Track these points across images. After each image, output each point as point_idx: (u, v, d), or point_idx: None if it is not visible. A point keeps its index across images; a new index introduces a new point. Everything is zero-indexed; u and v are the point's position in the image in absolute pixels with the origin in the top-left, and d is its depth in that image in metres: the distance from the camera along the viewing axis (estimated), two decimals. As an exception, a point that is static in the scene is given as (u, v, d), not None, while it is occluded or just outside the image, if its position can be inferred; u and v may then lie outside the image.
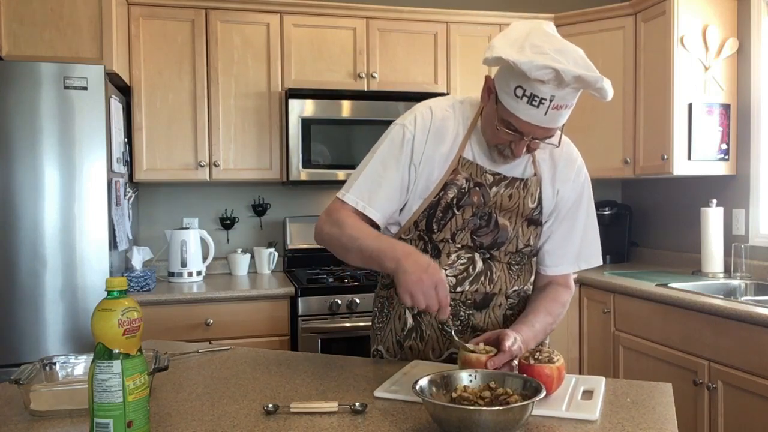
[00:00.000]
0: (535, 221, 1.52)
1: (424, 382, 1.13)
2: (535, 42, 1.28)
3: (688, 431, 2.50)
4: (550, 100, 1.27)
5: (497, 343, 1.30)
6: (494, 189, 1.47)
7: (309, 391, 1.31)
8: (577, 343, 3.25)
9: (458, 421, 1.01)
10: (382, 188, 1.45)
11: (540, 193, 1.51)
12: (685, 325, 2.53)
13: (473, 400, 1.10)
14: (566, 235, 1.56)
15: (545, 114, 1.29)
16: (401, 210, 1.50)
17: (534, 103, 1.28)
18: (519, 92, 1.29)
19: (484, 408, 1.04)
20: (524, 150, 1.38)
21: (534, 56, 1.24)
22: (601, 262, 1.62)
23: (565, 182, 1.53)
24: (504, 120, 1.35)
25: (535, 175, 1.51)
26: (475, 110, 1.49)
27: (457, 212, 1.47)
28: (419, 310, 1.47)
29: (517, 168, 1.50)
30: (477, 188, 1.46)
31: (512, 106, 1.31)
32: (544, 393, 1.07)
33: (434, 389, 1.14)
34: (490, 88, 1.39)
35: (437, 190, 1.46)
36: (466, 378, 1.18)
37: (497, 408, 1.03)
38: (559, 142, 1.40)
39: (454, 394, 1.13)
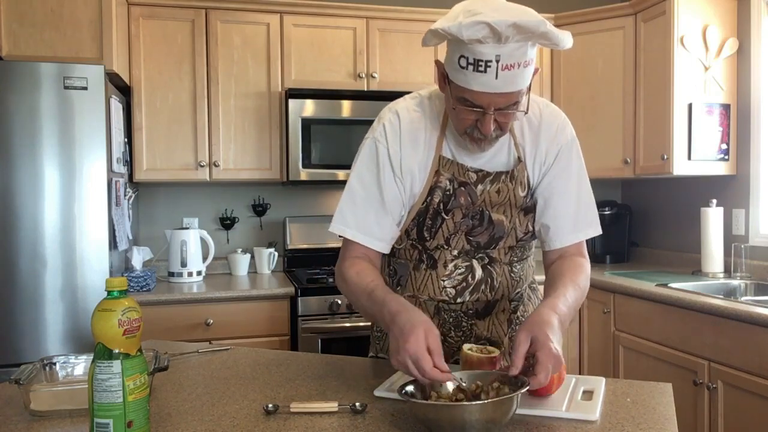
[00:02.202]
0: (529, 208, 1.44)
1: (409, 387, 1.12)
2: (469, 8, 1.19)
3: (688, 431, 2.50)
4: (497, 61, 1.17)
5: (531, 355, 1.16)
6: (480, 187, 1.39)
7: (309, 391, 1.31)
8: (577, 343, 3.25)
9: (449, 420, 1.01)
10: (369, 212, 1.37)
11: (527, 175, 1.42)
12: (685, 325, 2.53)
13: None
14: (561, 198, 1.42)
15: (496, 77, 1.19)
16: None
17: (480, 68, 1.19)
18: (463, 62, 1.20)
19: (455, 404, 1.03)
20: (492, 126, 1.27)
21: (465, 19, 1.16)
22: (600, 232, 1.46)
23: (550, 143, 1.42)
24: (459, 98, 1.26)
25: (520, 161, 1.41)
26: (443, 104, 1.40)
27: (446, 217, 1.40)
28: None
29: (499, 159, 1.41)
30: (462, 188, 1.39)
31: (462, 80, 1.23)
32: (527, 387, 1.07)
33: (419, 393, 1.13)
34: (442, 74, 1.31)
35: (424, 196, 1.39)
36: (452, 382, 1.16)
37: (471, 403, 1.02)
38: (527, 109, 1.29)
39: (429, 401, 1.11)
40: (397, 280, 1.51)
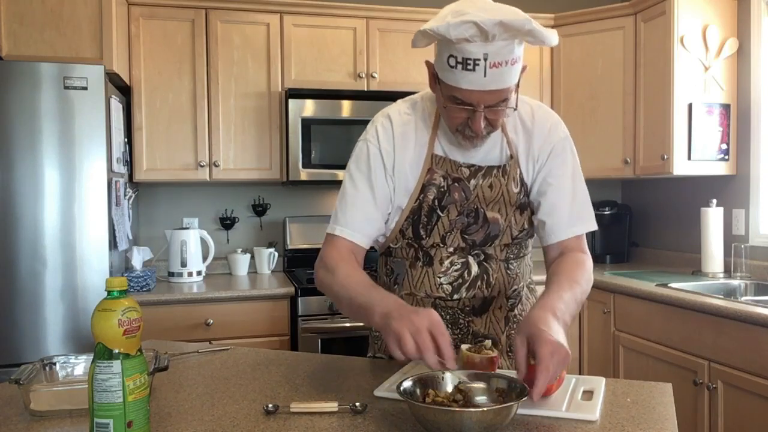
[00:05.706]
0: (524, 206, 1.46)
1: (408, 383, 1.12)
2: (457, 9, 1.23)
3: (688, 431, 2.50)
4: (485, 59, 1.21)
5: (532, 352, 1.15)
6: (473, 182, 1.42)
7: (309, 391, 1.31)
8: (577, 343, 3.25)
9: (446, 425, 1.01)
10: (357, 209, 1.41)
11: (520, 172, 1.45)
12: (685, 325, 2.53)
13: (447, 404, 1.10)
14: (557, 193, 1.44)
15: (485, 75, 1.23)
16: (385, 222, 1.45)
17: (469, 66, 1.22)
18: (452, 61, 1.24)
19: (457, 409, 1.03)
20: (483, 124, 1.30)
21: (452, 19, 1.20)
22: (596, 227, 1.48)
23: (543, 141, 1.45)
24: (449, 96, 1.29)
25: (512, 157, 1.44)
26: (435, 105, 1.44)
27: (441, 214, 1.43)
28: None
29: (491, 154, 1.44)
30: (456, 184, 1.42)
31: (451, 78, 1.26)
32: (528, 394, 1.07)
33: (418, 390, 1.13)
34: (432, 74, 1.35)
35: (417, 194, 1.42)
36: (453, 378, 1.17)
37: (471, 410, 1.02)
38: (516, 105, 1.32)
39: (427, 399, 1.10)
40: (394, 279, 1.53)
